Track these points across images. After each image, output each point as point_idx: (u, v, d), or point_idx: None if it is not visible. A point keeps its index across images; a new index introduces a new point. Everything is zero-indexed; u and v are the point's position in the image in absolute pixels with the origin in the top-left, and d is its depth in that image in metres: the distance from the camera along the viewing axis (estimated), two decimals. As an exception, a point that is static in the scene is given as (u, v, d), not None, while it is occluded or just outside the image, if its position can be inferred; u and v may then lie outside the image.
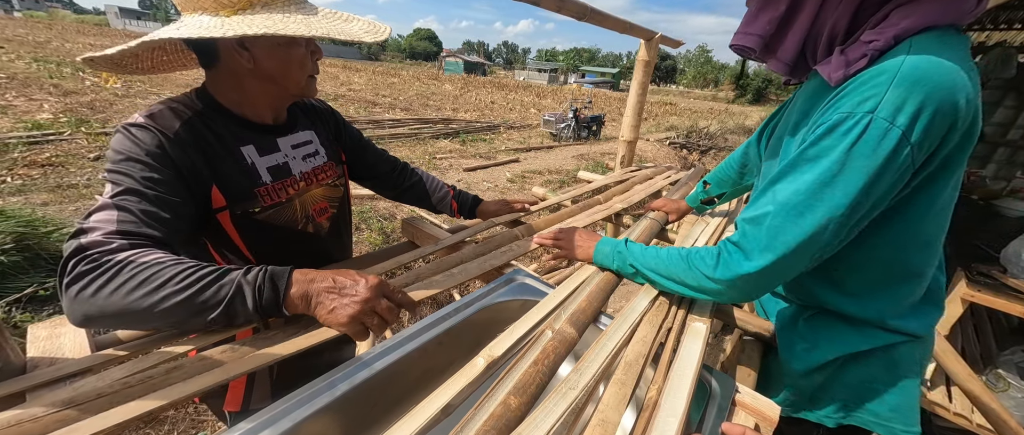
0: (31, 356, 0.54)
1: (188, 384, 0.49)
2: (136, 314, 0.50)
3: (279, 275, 0.57)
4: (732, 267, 0.62)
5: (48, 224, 2.38)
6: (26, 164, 4.00)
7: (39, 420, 0.44)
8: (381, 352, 0.63)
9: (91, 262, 0.51)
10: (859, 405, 0.72)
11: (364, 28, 0.69)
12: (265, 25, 0.58)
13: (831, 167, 0.54)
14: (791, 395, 0.78)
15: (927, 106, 0.49)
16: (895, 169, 0.52)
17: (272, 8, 0.63)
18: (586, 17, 1.50)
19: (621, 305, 0.73)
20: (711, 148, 10.30)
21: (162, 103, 0.67)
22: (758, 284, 0.62)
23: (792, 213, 0.57)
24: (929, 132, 0.50)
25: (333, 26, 0.65)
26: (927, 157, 0.53)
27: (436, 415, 0.47)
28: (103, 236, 0.53)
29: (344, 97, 11.79)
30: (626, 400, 0.53)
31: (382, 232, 3.67)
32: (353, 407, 0.58)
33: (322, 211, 0.88)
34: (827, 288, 0.72)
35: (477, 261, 0.92)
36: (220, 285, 0.54)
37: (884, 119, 0.50)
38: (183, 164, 0.62)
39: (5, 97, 6.37)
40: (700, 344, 0.66)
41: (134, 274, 0.50)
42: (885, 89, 0.50)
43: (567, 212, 1.31)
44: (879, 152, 0.51)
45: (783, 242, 0.57)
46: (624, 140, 2.25)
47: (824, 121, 0.55)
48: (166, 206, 0.59)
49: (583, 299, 0.72)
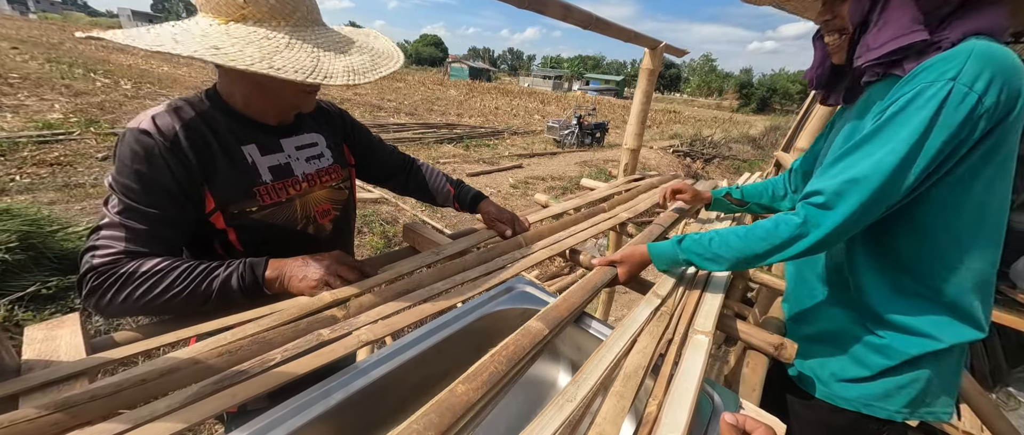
0: (26, 358, 0.54)
1: (197, 408, 0.49)
2: (147, 312, 0.64)
3: (257, 263, 0.69)
4: (819, 219, 0.67)
5: (53, 223, 2.40)
6: (35, 163, 4.05)
7: (34, 421, 0.43)
8: (378, 360, 0.62)
9: (100, 277, 0.61)
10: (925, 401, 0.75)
11: (353, 64, 0.67)
12: (245, 59, 0.57)
13: (920, 127, 0.60)
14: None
15: (998, 78, 0.57)
16: (968, 128, 0.59)
17: (265, 24, 0.62)
18: (591, 26, 1.51)
19: (623, 314, 0.72)
20: (715, 157, 10.28)
21: (168, 104, 0.70)
22: (844, 230, 0.67)
23: (876, 167, 0.63)
24: (999, 101, 0.57)
25: (313, 62, 0.62)
26: (991, 127, 0.60)
27: None
28: (110, 254, 0.63)
29: (350, 101, 11.90)
30: (624, 413, 0.51)
31: (384, 235, 3.68)
32: (350, 415, 0.57)
33: (325, 213, 0.88)
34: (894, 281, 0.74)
35: (478, 269, 0.91)
36: (212, 279, 0.65)
37: (965, 84, 0.57)
38: (178, 172, 0.67)
39: (18, 97, 6.48)
40: (702, 357, 0.64)
41: (137, 284, 0.62)
42: (964, 62, 0.58)
43: (570, 220, 1.30)
44: (959, 112, 0.58)
45: (865, 187, 0.63)
46: (628, 148, 2.24)
47: (904, 92, 0.62)
48: (163, 221, 0.67)
49: (561, 298, 0.72)
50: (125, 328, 0.67)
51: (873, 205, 0.64)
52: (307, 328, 0.64)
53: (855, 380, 0.77)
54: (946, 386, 0.75)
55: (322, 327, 0.65)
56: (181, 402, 0.48)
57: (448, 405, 0.46)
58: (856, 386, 0.78)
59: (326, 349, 0.60)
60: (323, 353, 0.60)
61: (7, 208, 2.27)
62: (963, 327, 0.70)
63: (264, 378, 0.54)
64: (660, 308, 0.76)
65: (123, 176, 0.64)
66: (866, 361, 0.76)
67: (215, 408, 0.49)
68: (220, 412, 0.50)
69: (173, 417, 0.46)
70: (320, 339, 0.62)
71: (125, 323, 2.07)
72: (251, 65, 0.57)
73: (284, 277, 0.70)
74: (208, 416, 0.48)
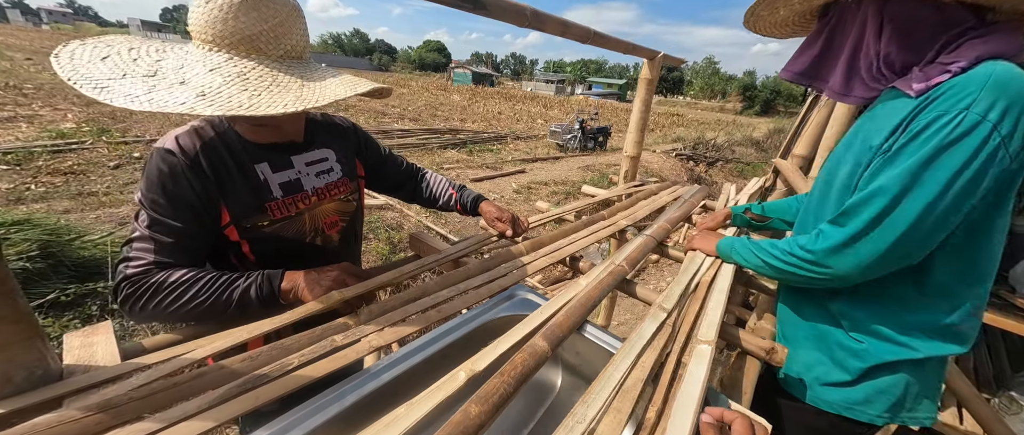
0: (66, 363, 0.58)
1: (224, 408, 0.53)
2: (174, 319, 0.70)
3: (273, 275, 0.74)
4: (834, 248, 0.69)
5: (70, 231, 2.48)
6: (49, 172, 4.16)
7: (78, 421, 0.48)
8: (388, 364, 0.66)
9: (133, 286, 0.67)
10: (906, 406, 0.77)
11: (304, 95, 0.65)
12: (176, 102, 0.57)
13: (925, 159, 0.59)
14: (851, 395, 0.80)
15: (1014, 106, 0.55)
16: (987, 160, 0.57)
17: (235, 51, 0.65)
18: (590, 40, 1.55)
19: (625, 318, 0.75)
20: (718, 160, 10.25)
21: (191, 125, 0.76)
22: (868, 268, 0.67)
23: (891, 204, 0.62)
24: (1017, 128, 0.55)
25: (252, 98, 0.60)
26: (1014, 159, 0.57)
27: (411, 427, 0.49)
28: (141, 266, 0.69)
29: (354, 107, 12.04)
30: (621, 426, 0.53)
31: (389, 242, 3.73)
32: (361, 417, 0.61)
33: (333, 224, 0.93)
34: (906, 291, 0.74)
35: (481, 277, 0.95)
36: (232, 290, 0.70)
37: (978, 114, 0.55)
38: (198, 188, 0.72)
39: (32, 107, 6.65)
40: (705, 367, 0.65)
41: (165, 293, 0.67)
42: (979, 91, 0.56)
43: (571, 227, 1.34)
44: (970, 142, 0.56)
45: (891, 230, 0.63)
46: (628, 155, 2.28)
47: (919, 122, 0.61)
48: (188, 234, 0.72)
49: (562, 314, 0.73)
50: (150, 334, 0.72)
51: (902, 246, 0.63)
52: (321, 334, 0.68)
53: (837, 384, 0.80)
54: (927, 391, 0.77)
55: (335, 333, 0.69)
56: (210, 403, 0.52)
57: (463, 427, 0.48)
58: (838, 390, 0.80)
59: (339, 354, 0.65)
60: (337, 358, 0.64)
61: (28, 218, 2.35)
62: (944, 344, 0.72)
63: (283, 381, 0.58)
64: (665, 322, 0.76)
65: (151, 192, 0.70)
66: (846, 365, 0.78)
67: (240, 409, 0.53)
68: (243, 413, 0.54)
69: (203, 417, 0.51)
70: (334, 344, 0.66)
71: (145, 329, 2.13)
72: (195, 110, 0.57)
73: (297, 288, 0.74)
74: (233, 416, 0.52)
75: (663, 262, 4.18)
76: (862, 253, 0.66)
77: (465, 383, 0.57)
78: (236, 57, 0.65)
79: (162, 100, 0.57)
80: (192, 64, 0.63)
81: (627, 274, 0.98)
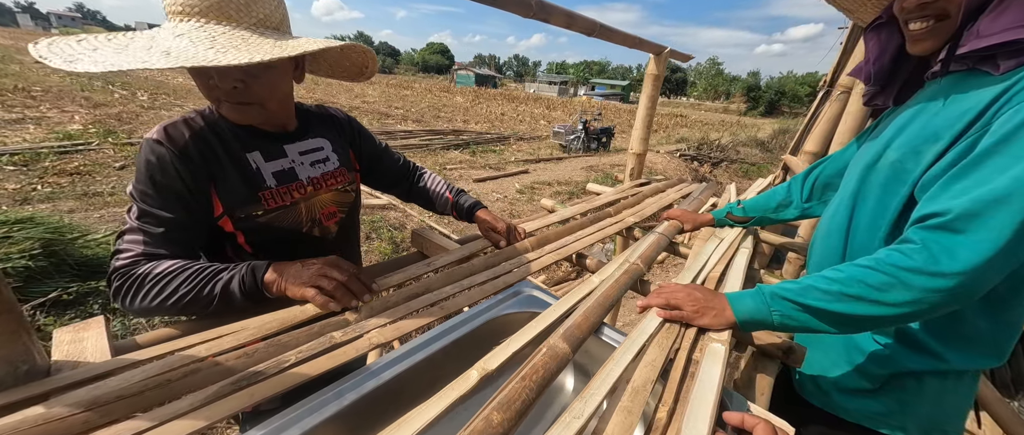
0: (55, 359, 0.56)
1: (216, 406, 0.50)
2: (163, 311, 0.67)
3: (259, 266, 0.70)
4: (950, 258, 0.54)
5: (74, 230, 2.48)
6: (56, 172, 4.18)
7: (64, 419, 0.45)
8: (389, 362, 0.64)
9: (122, 278, 0.66)
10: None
11: (221, 46, 0.62)
12: (108, 61, 0.56)
13: None
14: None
15: None
16: None
17: (205, 18, 0.64)
18: (595, 33, 1.53)
19: (631, 318, 0.72)
20: (722, 160, 10.19)
21: (182, 116, 0.75)
22: (989, 267, 0.54)
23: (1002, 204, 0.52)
24: None
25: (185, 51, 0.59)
26: None
27: (423, 428, 0.47)
28: (130, 257, 0.67)
29: (358, 109, 12.09)
30: (632, 428, 0.50)
31: (392, 242, 3.71)
32: (361, 416, 0.58)
33: (331, 215, 0.91)
34: None
35: (486, 273, 0.93)
36: (215, 283, 0.67)
37: None
38: (187, 177, 0.71)
39: (40, 109, 6.71)
40: (720, 366, 0.62)
41: (149, 286, 0.65)
42: None
43: (577, 225, 1.31)
44: None
45: (999, 233, 0.52)
46: (633, 152, 2.25)
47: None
48: (177, 224, 0.70)
49: (580, 314, 0.70)
50: (146, 330, 0.70)
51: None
52: (320, 331, 0.66)
53: (856, 391, 0.75)
54: (956, 410, 0.71)
55: (335, 330, 0.66)
56: (202, 401, 0.49)
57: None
58: (857, 399, 0.75)
59: (338, 351, 0.62)
60: (336, 355, 0.61)
61: (31, 216, 2.35)
62: (979, 356, 0.65)
63: (280, 379, 0.56)
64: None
65: (140, 183, 0.69)
66: (867, 371, 0.73)
67: (233, 407, 0.51)
68: (237, 412, 0.51)
69: (194, 415, 0.48)
70: (333, 342, 0.63)
71: (142, 325, 2.12)
72: (123, 65, 0.56)
73: (283, 279, 0.70)
74: (226, 415, 0.50)
75: (668, 262, 4.13)
76: (996, 265, 0.53)
77: (478, 382, 0.54)
78: (208, 23, 0.64)
79: (125, 61, 0.56)
80: (163, 34, 0.63)
81: (644, 273, 0.94)
